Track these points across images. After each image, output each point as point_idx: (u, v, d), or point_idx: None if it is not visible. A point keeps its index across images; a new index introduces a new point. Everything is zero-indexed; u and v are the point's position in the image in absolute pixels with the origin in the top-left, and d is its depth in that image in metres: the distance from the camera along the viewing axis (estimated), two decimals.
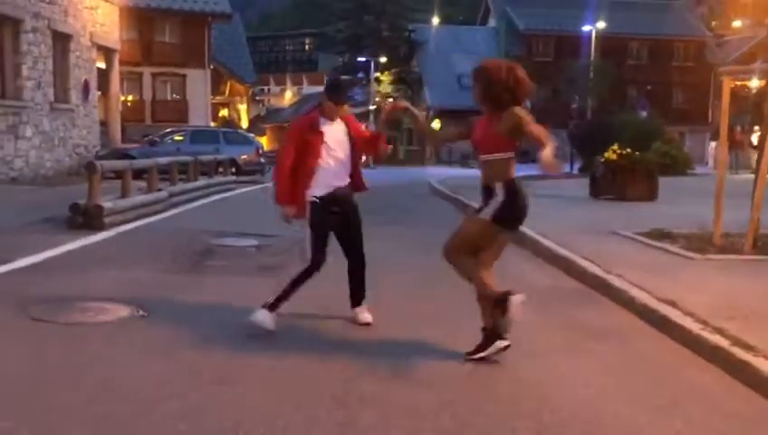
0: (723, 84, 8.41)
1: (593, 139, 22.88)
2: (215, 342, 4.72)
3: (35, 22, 18.51)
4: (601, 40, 38.74)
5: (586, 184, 15.90)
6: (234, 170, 21.25)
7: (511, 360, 4.44)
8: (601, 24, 38.13)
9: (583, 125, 30.82)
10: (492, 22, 52.67)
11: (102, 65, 24.19)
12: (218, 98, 41.96)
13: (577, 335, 4.94)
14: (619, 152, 14.90)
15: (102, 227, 9.55)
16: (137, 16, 30.24)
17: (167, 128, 26.04)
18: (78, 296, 5.83)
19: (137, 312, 5.41)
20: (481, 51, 41.33)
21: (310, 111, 5.23)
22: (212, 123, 34.90)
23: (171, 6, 33.02)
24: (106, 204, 10.01)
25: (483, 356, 4.42)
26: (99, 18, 22.77)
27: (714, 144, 33.25)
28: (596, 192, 15.16)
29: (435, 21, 52.24)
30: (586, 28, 38.52)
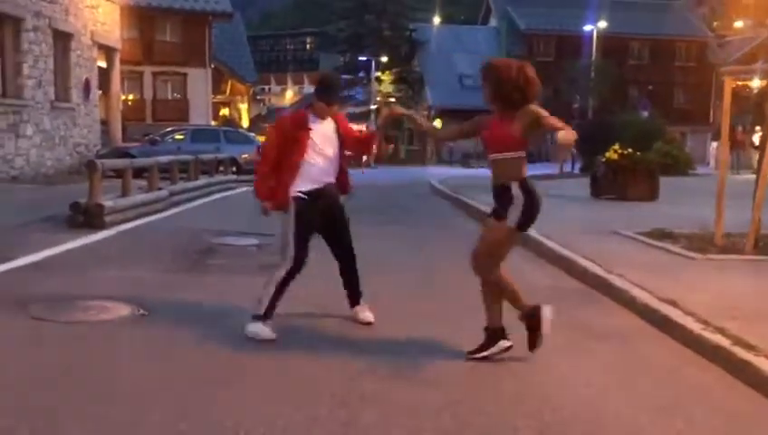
0: (724, 84, 8.40)
1: (594, 138, 22.81)
2: (215, 341, 4.71)
3: (36, 20, 18.51)
4: (603, 40, 38.80)
5: (587, 184, 15.90)
6: (234, 169, 21.26)
7: (512, 359, 4.44)
8: (603, 24, 38.18)
9: (584, 125, 30.77)
10: (493, 21, 52.70)
11: (103, 64, 24.19)
12: (219, 97, 41.97)
13: (578, 335, 4.93)
14: (621, 152, 14.89)
15: (103, 226, 9.56)
16: (138, 15, 30.23)
17: (167, 127, 26.06)
18: (78, 295, 5.83)
19: (137, 311, 5.41)
20: (482, 50, 41.31)
21: (301, 108, 5.21)
22: (213, 122, 34.91)
23: (172, 5, 33.02)
24: (107, 203, 10.01)
25: (485, 356, 4.41)
26: (100, 17, 22.76)
27: (715, 144, 33.26)
28: (597, 192, 15.15)
29: (436, 20, 52.21)
30: (587, 28, 38.58)
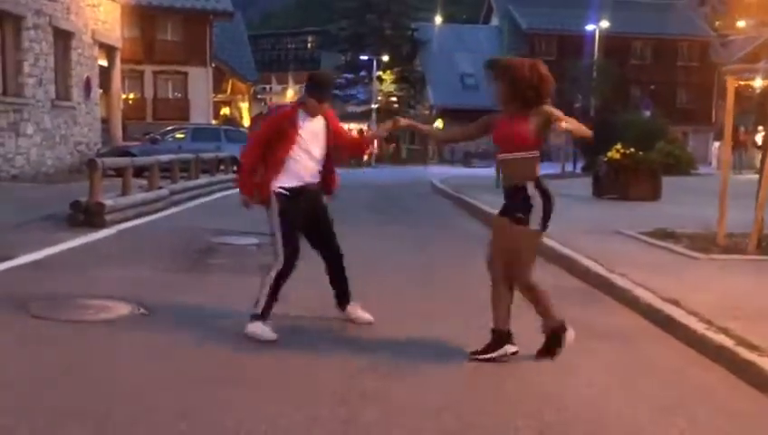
0: (727, 83, 8.38)
1: (596, 138, 22.80)
2: (215, 340, 4.69)
3: (37, 19, 18.47)
4: (605, 39, 38.72)
5: (589, 183, 15.89)
6: (235, 168, 21.24)
7: (514, 359, 4.42)
8: (605, 24, 38.11)
9: (588, 124, 30.77)
10: (495, 21, 52.64)
11: (104, 63, 24.15)
12: (220, 96, 41.93)
13: (580, 335, 4.89)
14: (623, 152, 14.88)
15: (103, 225, 9.54)
16: (139, 14, 30.19)
17: (168, 126, 26.04)
18: (79, 294, 5.81)
19: (137, 310, 5.39)
20: (484, 50, 41.22)
21: (291, 104, 5.14)
22: (213, 121, 34.89)
23: (173, 4, 32.99)
24: (107, 202, 10.00)
25: (490, 358, 4.38)
26: (100, 16, 22.73)
27: (717, 144, 33.23)
28: (599, 192, 15.14)
29: (437, 20, 52.11)
30: (589, 27, 38.50)
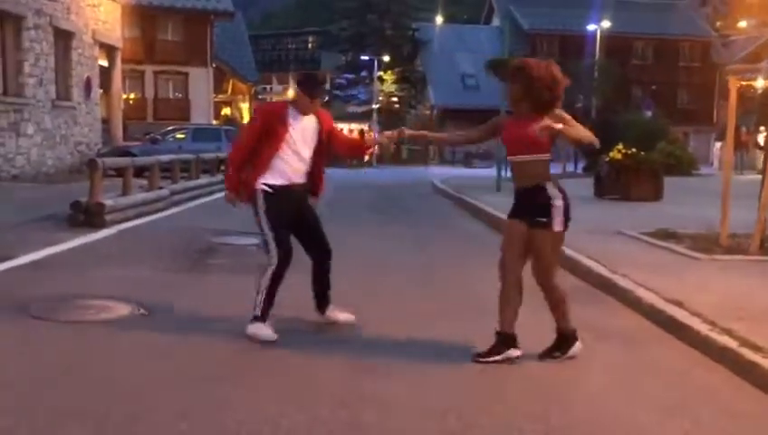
0: (729, 83, 8.35)
1: (598, 138, 22.81)
2: (215, 340, 4.67)
3: (37, 19, 18.46)
4: (606, 39, 38.69)
5: (590, 184, 15.86)
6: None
7: (517, 360, 4.39)
8: (606, 24, 38.09)
9: (588, 125, 30.77)
10: (496, 21, 52.59)
11: (105, 63, 24.15)
12: (220, 96, 41.94)
13: (583, 335, 4.86)
14: (624, 152, 14.86)
15: (104, 225, 9.53)
16: (139, 14, 30.20)
17: (169, 126, 26.03)
18: (79, 294, 5.80)
19: (138, 310, 5.37)
20: (485, 50, 41.17)
21: (282, 101, 5.09)
22: (214, 122, 34.88)
23: (174, 4, 32.99)
24: (107, 202, 9.98)
25: (494, 361, 4.34)
26: (101, 16, 22.72)
27: (719, 145, 33.21)
28: (600, 192, 15.12)
29: (438, 20, 52.08)
30: (591, 27, 38.48)
